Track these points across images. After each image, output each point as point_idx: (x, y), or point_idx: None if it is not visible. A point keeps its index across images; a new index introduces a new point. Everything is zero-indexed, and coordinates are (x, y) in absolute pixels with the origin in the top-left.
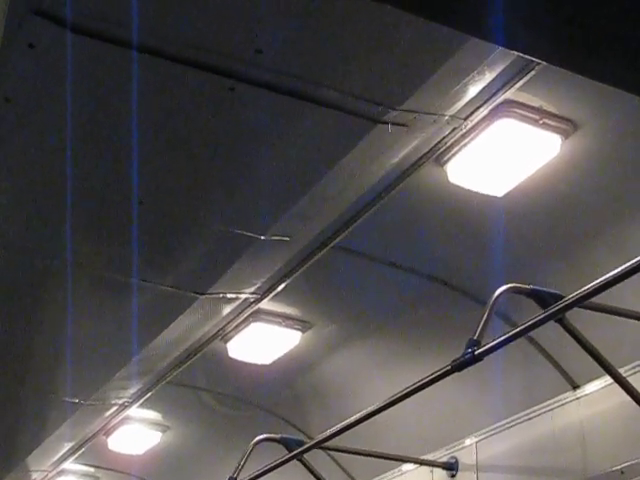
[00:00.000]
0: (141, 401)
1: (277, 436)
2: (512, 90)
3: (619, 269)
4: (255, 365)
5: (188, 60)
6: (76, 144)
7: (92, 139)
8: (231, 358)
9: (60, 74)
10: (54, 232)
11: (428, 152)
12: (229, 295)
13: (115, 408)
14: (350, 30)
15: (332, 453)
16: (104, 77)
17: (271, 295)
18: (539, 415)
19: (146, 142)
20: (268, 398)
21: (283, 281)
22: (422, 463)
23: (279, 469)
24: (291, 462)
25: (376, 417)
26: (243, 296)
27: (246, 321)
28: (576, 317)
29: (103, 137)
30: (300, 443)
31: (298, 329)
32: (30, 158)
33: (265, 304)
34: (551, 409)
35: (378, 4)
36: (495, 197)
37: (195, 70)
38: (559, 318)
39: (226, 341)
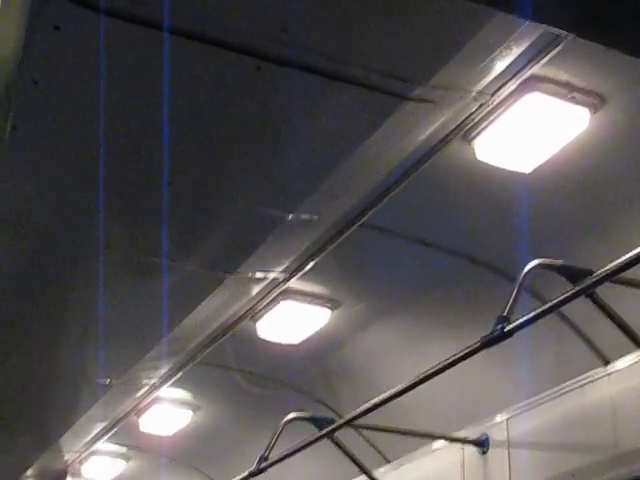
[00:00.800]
0: (171, 381)
1: (307, 415)
2: (539, 65)
3: None
4: (284, 344)
5: (215, 40)
6: (106, 126)
7: (121, 121)
8: (260, 337)
9: (88, 56)
10: (84, 214)
11: (455, 129)
12: (258, 274)
13: (146, 388)
14: (375, 7)
15: (362, 431)
16: (133, 59)
17: (300, 274)
18: (570, 391)
19: (175, 124)
20: (298, 377)
21: (311, 260)
22: (453, 440)
23: (309, 448)
24: (322, 441)
25: (406, 395)
26: (272, 275)
27: (275, 300)
28: (607, 292)
29: (132, 119)
30: (330, 421)
31: (327, 307)
32: (60, 141)
33: (294, 283)
34: (582, 385)
35: None
36: (523, 173)
37: (222, 50)
38: (589, 294)
39: (255, 320)
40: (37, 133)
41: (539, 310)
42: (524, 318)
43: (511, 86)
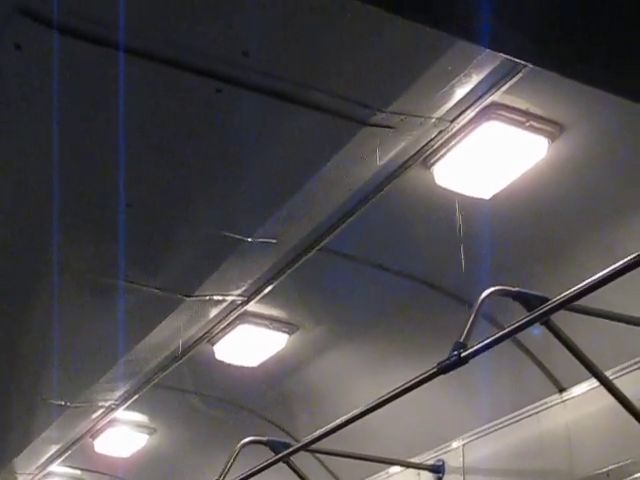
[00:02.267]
0: (128, 403)
1: (264, 439)
2: (499, 93)
3: (604, 272)
4: (242, 367)
5: (175, 62)
6: (63, 146)
7: (79, 141)
8: (218, 360)
9: (47, 75)
10: (41, 234)
11: (415, 154)
12: (216, 297)
13: (102, 410)
14: (336, 32)
15: (319, 456)
16: (91, 78)
17: (258, 297)
18: (525, 418)
19: (133, 144)
20: (255, 400)
21: (270, 283)
22: (409, 466)
23: (266, 472)
24: (278, 465)
25: (363, 419)
26: (230, 298)
27: (233, 323)
28: (562, 320)
29: (90, 139)
30: (287, 446)
31: (285, 331)
32: (16, 160)
33: (252, 306)
34: (537, 412)
35: (364, 5)
36: (482, 199)
37: (182, 72)
38: (545, 320)
39: (213, 343)
40: None
41: (495, 336)
42: (480, 344)
43: (471, 113)
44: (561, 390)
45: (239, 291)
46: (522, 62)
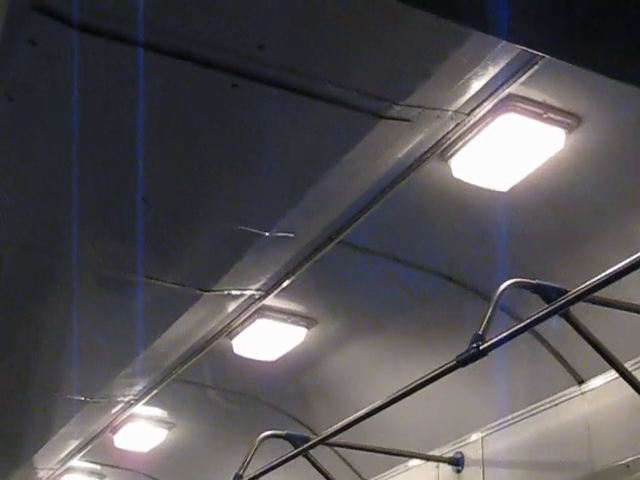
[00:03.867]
0: (147, 398)
1: (282, 432)
2: (516, 85)
3: (623, 263)
4: (260, 362)
5: (191, 57)
6: (81, 142)
7: (97, 137)
8: (236, 355)
9: (63, 72)
10: (59, 231)
11: (432, 147)
12: (234, 292)
13: (121, 406)
14: (353, 25)
15: (338, 449)
16: (108, 75)
17: (276, 292)
18: (544, 410)
19: (151, 140)
20: (273, 395)
21: (288, 277)
22: (428, 459)
23: (285, 465)
24: (297, 458)
25: (381, 413)
26: (248, 293)
27: (251, 318)
28: (581, 312)
29: (108, 135)
30: (305, 439)
31: (303, 325)
32: (34, 157)
33: (270, 301)
34: (556, 404)
35: None
36: (499, 192)
37: (198, 67)
38: (564, 312)
39: (231, 338)
40: (11, 148)
41: (513, 329)
42: (499, 337)
43: (487, 105)
44: (580, 382)
45: (257, 285)
46: (539, 54)
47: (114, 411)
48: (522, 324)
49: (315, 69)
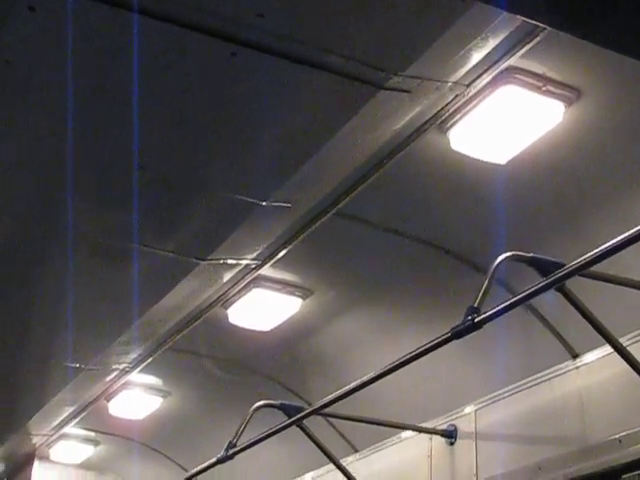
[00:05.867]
0: (142, 366)
1: (276, 402)
2: (515, 57)
3: (620, 237)
4: (255, 331)
5: (190, 24)
6: (77, 109)
7: (93, 103)
8: (231, 324)
9: (61, 37)
10: (54, 198)
11: (431, 119)
12: (230, 261)
13: (116, 373)
14: None
15: (331, 420)
16: (105, 40)
17: (272, 261)
18: (538, 384)
19: (147, 107)
20: (268, 364)
21: (284, 247)
22: (421, 431)
23: (278, 435)
24: (290, 428)
25: (375, 384)
26: (244, 262)
27: (247, 287)
28: (577, 286)
29: (104, 101)
30: (299, 409)
31: (299, 296)
32: (30, 123)
33: (266, 270)
34: (550, 378)
35: None
36: (498, 164)
37: (197, 34)
38: (559, 286)
39: (227, 307)
40: (8, 114)
41: (509, 302)
42: (494, 310)
43: (487, 77)
44: (574, 356)
45: (253, 255)
46: (540, 25)
47: (109, 378)
48: (517, 297)
49: (314, 38)
